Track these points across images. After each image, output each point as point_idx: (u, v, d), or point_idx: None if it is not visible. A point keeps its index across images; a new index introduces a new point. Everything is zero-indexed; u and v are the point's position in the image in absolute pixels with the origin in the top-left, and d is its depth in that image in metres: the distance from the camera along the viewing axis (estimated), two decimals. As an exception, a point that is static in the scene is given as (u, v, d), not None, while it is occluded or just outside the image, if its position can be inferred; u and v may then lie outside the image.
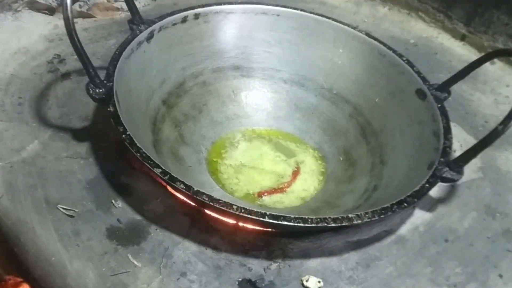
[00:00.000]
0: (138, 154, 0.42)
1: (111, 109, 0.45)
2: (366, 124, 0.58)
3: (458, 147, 0.59)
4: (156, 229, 0.45)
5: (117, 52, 0.51)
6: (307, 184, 0.56)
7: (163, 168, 0.41)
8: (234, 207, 0.40)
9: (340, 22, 0.62)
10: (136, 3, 0.58)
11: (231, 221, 0.46)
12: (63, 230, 0.44)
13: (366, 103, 0.59)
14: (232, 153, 0.57)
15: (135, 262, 0.42)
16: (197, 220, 0.47)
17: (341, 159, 0.58)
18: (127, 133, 0.43)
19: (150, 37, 0.55)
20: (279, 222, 0.40)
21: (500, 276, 0.46)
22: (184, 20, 0.59)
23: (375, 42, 0.59)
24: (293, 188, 0.55)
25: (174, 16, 0.58)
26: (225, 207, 0.40)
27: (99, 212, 0.46)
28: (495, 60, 0.74)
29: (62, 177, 0.49)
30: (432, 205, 0.52)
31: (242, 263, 0.44)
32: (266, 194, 0.54)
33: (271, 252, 0.45)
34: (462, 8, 0.78)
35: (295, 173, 0.57)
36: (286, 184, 0.55)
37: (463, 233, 0.50)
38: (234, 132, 0.61)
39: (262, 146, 0.59)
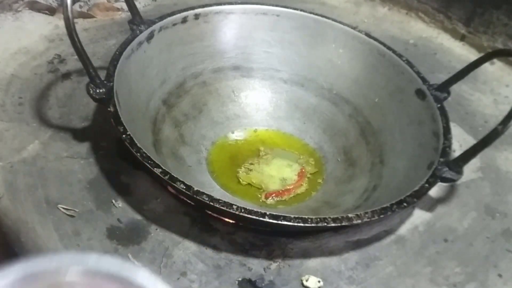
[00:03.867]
0: (138, 154, 0.42)
1: (111, 109, 0.45)
2: (365, 124, 0.58)
3: (458, 147, 0.59)
4: (156, 229, 0.45)
5: (117, 52, 0.51)
6: (307, 184, 0.56)
7: (163, 168, 0.41)
8: (234, 207, 0.40)
9: (340, 22, 0.62)
10: (136, 3, 0.58)
11: (231, 221, 0.46)
12: (63, 230, 0.44)
13: (366, 103, 0.59)
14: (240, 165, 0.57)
15: (135, 262, 0.42)
16: (197, 220, 0.47)
17: (339, 159, 0.58)
18: (127, 133, 0.43)
19: (150, 37, 0.55)
20: (279, 222, 0.40)
21: (500, 275, 0.46)
22: (184, 20, 0.59)
23: (375, 42, 0.60)
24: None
25: (174, 16, 0.58)
26: (225, 207, 0.40)
27: (99, 212, 0.46)
28: (495, 60, 0.74)
29: (63, 177, 0.49)
30: (431, 205, 0.52)
31: (242, 262, 0.44)
32: (274, 195, 0.54)
33: (271, 252, 0.45)
34: (462, 8, 0.78)
35: (301, 174, 0.57)
36: (293, 186, 0.55)
37: (462, 233, 0.50)
38: (233, 132, 0.61)
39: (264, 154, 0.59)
